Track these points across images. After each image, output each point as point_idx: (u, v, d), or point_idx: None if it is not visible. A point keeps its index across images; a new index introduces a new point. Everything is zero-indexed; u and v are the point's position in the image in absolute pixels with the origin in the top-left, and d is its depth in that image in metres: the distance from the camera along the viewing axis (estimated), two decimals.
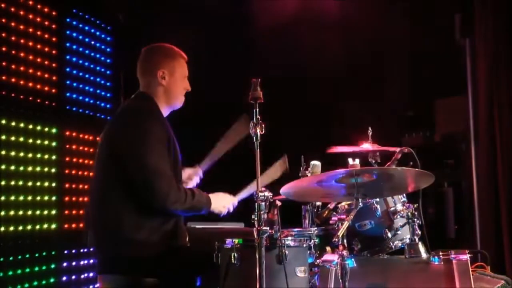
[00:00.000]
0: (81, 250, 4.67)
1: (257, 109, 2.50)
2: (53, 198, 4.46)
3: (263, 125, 2.49)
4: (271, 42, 5.29)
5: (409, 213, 3.01)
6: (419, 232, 3.01)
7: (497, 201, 4.61)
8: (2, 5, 4.12)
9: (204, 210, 2.98)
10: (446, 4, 5.01)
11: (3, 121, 4.08)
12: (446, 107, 5.36)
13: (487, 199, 4.67)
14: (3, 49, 4.11)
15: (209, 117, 4.90)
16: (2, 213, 4.00)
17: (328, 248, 3.09)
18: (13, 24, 4.21)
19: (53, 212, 4.44)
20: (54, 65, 4.56)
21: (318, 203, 3.26)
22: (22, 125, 4.24)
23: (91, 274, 4.71)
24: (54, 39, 4.58)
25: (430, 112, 5.44)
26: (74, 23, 4.85)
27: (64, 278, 4.50)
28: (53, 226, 4.43)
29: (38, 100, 4.41)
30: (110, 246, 2.84)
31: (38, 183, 4.33)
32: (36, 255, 4.27)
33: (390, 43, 5.46)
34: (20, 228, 4.14)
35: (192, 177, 3.33)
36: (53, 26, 4.58)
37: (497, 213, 4.60)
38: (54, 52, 4.57)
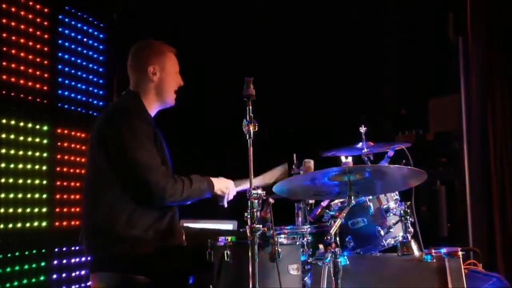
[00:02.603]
0: (72, 248, 4.64)
1: (250, 107, 2.49)
2: (44, 196, 4.43)
3: (256, 124, 2.48)
4: (269, 38, 5.27)
5: (401, 211, 3.00)
6: (412, 230, 3.01)
7: (490, 199, 4.62)
8: None
9: (207, 194, 2.99)
10: (439, 2, 5.01)
11: None
12: (439, 106, 5.36)
13: (479, 197, 4.68)
14: None
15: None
16: None
17: (321, 246, 3.08)
18: (4, 21, 4.18)
19: (44, 210, 4.41)
20: (46, 62, 4.53)
21: (311, 201, 3.26)
22: (13, 122, 4.21)
23: (82, 272, 4.69)
24: (46, 36, 4.55)
25: (423, 110, 5.44)
26: (67, 20, 4.82)
27: (55, 276, 4.47)
28: (44, 224, 4.41)
29: (30, 98, 4.38)
30: (103, 244, 2.82)
31: (29, 181, 4.31)
32: (26, 253, 4.24)
33: (383, 42, 5.47)
34: (10, 226, 4.11)
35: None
36: (45, 23, 4.55)
37: (489, 211, 4.61)
38: (46, 49, 4.54)
